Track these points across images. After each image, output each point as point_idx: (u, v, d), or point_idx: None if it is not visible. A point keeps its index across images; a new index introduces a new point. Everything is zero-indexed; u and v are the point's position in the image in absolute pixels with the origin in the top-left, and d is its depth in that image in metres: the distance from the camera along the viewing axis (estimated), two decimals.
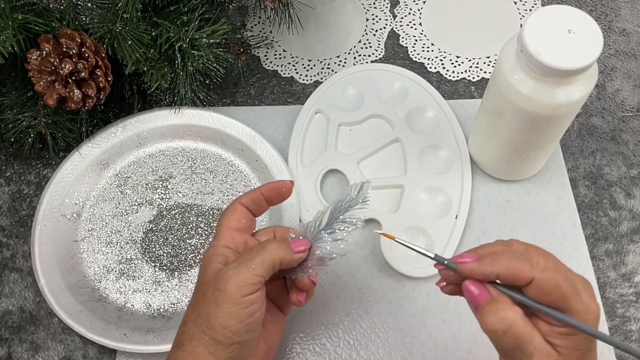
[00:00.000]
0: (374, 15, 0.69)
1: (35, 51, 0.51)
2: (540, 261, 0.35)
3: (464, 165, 0.58)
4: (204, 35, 0.54)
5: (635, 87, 0.64)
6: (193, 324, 0.39)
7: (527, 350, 0.35)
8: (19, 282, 0.55)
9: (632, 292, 0.54)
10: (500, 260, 0.36)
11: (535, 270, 0.35)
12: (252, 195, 0.44)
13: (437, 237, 0.54)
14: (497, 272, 0.36)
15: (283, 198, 0.45)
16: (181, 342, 0.39)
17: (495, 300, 0.36)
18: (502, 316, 0.35)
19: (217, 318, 0.38)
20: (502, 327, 0.35)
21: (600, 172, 0.59)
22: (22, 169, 0.60)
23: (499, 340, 0.35)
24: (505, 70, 0.45)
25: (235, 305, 0.38)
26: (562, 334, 0.35)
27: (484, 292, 0.36)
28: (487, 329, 0.36)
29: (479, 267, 0.36)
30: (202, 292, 0.40)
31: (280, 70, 0.66)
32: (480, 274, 0.36)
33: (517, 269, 0.35)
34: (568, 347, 0.35)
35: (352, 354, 0.51)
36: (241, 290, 0.38)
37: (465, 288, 0.37)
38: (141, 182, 0.59)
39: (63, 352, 0.52)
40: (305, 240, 0.42)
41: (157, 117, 0.59)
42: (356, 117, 0.61)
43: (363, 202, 0.42)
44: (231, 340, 0.38)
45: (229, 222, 0.43)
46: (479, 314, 0.36)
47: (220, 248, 0.41)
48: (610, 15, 0.69)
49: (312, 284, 0.43)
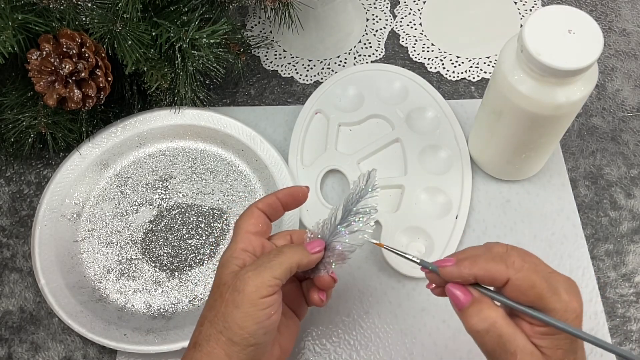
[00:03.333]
0: (374, 15, 0.69)
1: (35, 51, 0.51)
2: (516, 261, 0.36)
3: (464, 165, 0.58)
4: (204, 36, 0.54)
5: (636, 87, 0.64)
6: (210, 325, 0.39)
7: (510, 349, 0.35)
8: (19, 283, 0.55)
9: (632, 292, 0.54)
10: (477, 262, 0.37)
11: (511, 271, 0.36)
12: (269, 200, 0.45)
13: (437, 237, 0.54)
14: (474, 274, 0.37)
15: (299, 203, 0.46)
16: (198, 343, 0.39)
17: (477, 301, 0.37)
18: (484, 316, 0.36)
19: (234, 319, 0.38)
20: (484, 326, 0.36)
21: (600, 172, 0.59)
22: (22, 169, 0.60)
23: (483, 340, 0.36)
24: (506, 71, 0.45)
25: (253, 306, 0.38)
26: (543, 334, 0.36)
27: (466, 294, 0.37)
28: (471, 329, 0.37)
29: (457, 270, 0.37)
30: (219, 293, 0.40)
31: (281, 70, 0.66)
32: (459, 277, 0.37)
33: (493, 271, 0.36)
34: (550, 347, 0.36)
35: (352, 354, 0.51)
36: (260, 292, 0.38)
37: (448, 291, 0.38)
38: (141, 182, 0.59)
39: (63, 352, 0.52)
40: (319, 241, 0.43)
41: (157, 117, 0.59)
42: (356, 117, 0.61)
43: (373, 190, 0.43)
44: (247, 342, 0.38)
45: (246, 225, 0.43)
46: (463, 316, 0.37)
47: (238, 251, 0.42)
48: (610, 15, 0.69)
49: (333, 282, 0.43)
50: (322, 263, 0.43)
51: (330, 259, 0.42)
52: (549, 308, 0.35)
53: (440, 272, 0.38)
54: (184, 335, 0.50)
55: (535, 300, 0.35)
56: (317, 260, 0.42)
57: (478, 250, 0.38)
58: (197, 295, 0.54)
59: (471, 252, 0.38)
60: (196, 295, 0.54)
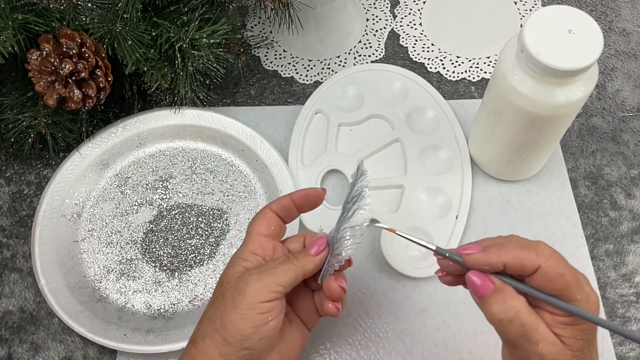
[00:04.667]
0: (374, 15, 0.69)
1: (35, 51, 0.51)
2: (546, 249, 0.36)
3: (464, 165, 0.58)
4: (204, 36, 0.54)
5: (636, 87, 0.64)
6: (208, 322, 0.39)
7: (533, 338, 0.35)
8: (19, 283, 0.55)
9: (633, 293, 0.54)
10: (506, 249, 0.36)
11: (542, 258, 0.35)
12: (283, 201, 0.44)
13: (437, 237, 0.54)
14: (504, 261, 0.36)
15: (314, 206, 0.45)
16: (195, 339, 0.40)
17: (499, 290, 0.36)
18: (508, 305, 0.35)
19: (231, 319, 0.38)
20: (508, 316, 0.35)
21: (600, 172, 0.59)
22: (22, 169, 0.60)
23: (506, 330, 0.36)
24: (506, 71, 0.45)
25: (250, 309, 0.38)
26: (565, 324, 0.36)
27: (487, 282, 0.36)
28: (494, 318, 0.36)
29: (486, 257, 0.36)
30: (221, 291, 0.40)
31: (281, 70, 0.66)
32: (487, 264, 0.36)
33: (523, 257, 0.35)
34: (571, 337, 0.35)
35: (352, 354, 0.51)
36: (260, 296, 0.38)
37: (469, 279, 0.37)
38: (141, 183, 0.59)
39: (63, 352, 0.52)
40: (320, 240, 0.42)
41: (157, 117, 0.59)
42: (356, 117, 0.61)
43: (364, 175, 0.42)
44: (241, 345, 0.38)
45: (258, 227, 0.43)
46: (484, 305, 0.36)
47: (247, 253, 0.42)
48: (610, 15, 0.69)
49: (342, 292, 0.42)
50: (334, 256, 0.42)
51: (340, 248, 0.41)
52: (573, 298, 0.35)
53: (465, 259, 0.37)
54: (184, 335, 0.50)
55: (563, 288, 0.35)
56: (322, 260, 0.42)
57: (498, 240, 0.38)
58: (197, 296, 0.54)
59: (494, 241, 0.38)
60: (196, 296, 0.54)
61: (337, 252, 0.41)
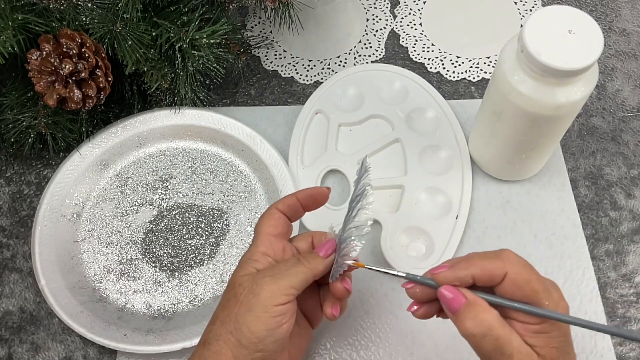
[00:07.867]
0: (374, 15, 0.69)
1: (35, 51, 0.51)
2: (510, 256, 0.37)
3: (465, 165, 0.58)
4: (204, 36, 0.54)
5: (636, 87, 0.64)
6: (221, 324, 0.39)
7: (507, 351, 0.35)
8: (19, 283, 0.55)
9: (633, 293, 0.54)
10: (472, 261, 0.37)
11: (508, 264, 0.36)
12: (288, 200, 0.44)
13: (437, 237, 0.54)
14: (472, 273, 0.37)
15: (319, 204, 0.45)
16: (207, 341, 0.39)
17: (471, 304, 0.36)
18: (480, 320, 0.36)
19: (245, 321, 0.38)
20: (481, 330, 0.35)
21: (600, 173, 0.59)
22: (22, 169, 0.60)
23: (480, 344, 0.36)
24: (506, 71, 0.45)
25: (265, 312, 0.38)
26: (537, 332, 0.36)
27: (459, 296, 0.37)
28: (467, 333, 0.36)
29: (454, 272, 0.37)
30: (233, 293, 0.40)
31: (281, 70, 0.66)
32: (457, 279, 0.37)
33: (490, 266, 0.36)
34: (544, 346, 0.36)
35: (352, 354, 0.51)
36: (274, 298, 0.38)
37: (441, 295, 0.37)
38: (141, 183, 0.59)
39: (63, 352, 0.52)
40: (330, 242, 0.42)
41: (157, 117, 0.59)
42: (356, 117, 0.61)
43: (367, 172, 0.42)
44: (256, 347, 0.38)
45: (266, 228, 0.43)
46: (457, 320, 0.37)
47: (257, 254, 0.42)
48: (610, 15, 0.69)
49: (347, 292, 0.42)
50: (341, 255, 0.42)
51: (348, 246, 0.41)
52: (541, 304, 0.36)
53: (435, 278, 0.38)
54: (184, 335, 0.50)
55: (531, 294, 0.36)
56: (331, 262, 0.42)
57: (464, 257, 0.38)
58: (197, 296, 0.54)
59: (460, 258, 0.38)
60: (196, 296, 0.54)
61: (344, 252, 0.41)
